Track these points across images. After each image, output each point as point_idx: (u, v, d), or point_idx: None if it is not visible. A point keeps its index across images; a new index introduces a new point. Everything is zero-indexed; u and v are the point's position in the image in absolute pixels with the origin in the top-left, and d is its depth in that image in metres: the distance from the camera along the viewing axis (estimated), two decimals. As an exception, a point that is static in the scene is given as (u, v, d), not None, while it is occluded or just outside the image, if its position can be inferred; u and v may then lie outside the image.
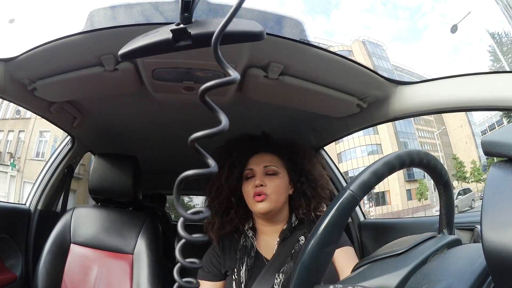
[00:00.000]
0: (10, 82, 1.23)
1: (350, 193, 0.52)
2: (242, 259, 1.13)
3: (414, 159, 0.58)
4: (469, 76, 1.15)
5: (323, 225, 0.51)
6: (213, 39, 0.33)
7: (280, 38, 1.08)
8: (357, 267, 0.59)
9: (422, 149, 0.61)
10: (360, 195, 0.52)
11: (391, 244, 0.62)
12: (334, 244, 0.52)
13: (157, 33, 0.58)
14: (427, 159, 0.59)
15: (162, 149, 2.11)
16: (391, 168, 0.55)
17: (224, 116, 0.33)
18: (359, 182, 0.52)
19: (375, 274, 0.52)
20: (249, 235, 1.18)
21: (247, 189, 1.16)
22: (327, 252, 0.52)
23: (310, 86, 1.26)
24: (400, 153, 0.57)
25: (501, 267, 0.37)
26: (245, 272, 1.10)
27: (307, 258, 0.51)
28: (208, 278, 1.16)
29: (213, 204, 1.19)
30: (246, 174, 1.18)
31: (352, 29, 64.18)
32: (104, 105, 1.57)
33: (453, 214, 0.68)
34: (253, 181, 1.15)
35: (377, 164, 0.55)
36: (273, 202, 1.13)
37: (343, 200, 0.51)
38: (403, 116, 1.36)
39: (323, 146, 1.92)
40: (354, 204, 0.52)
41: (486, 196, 0.40)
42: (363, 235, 1.82)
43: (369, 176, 0.53)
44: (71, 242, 1.47)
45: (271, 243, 1.17)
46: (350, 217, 1.83)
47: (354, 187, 0.52)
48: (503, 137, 0.42)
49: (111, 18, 1.07)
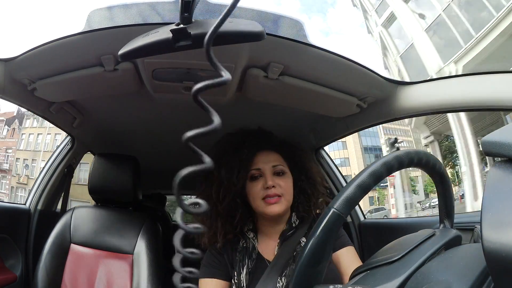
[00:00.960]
0: (10, 82, 1.23)
1: (334, 212, 0.51)
2: (243, 261, 1.09)
3: (403, 161, 0.56)
4: (469, 76, 1.15)
5: (310, 246, 0.51)
6: (205, 39, 0.33)
7: (280, 38, 1.07)
8: (354, 275, 0.58)
9: (409, 150, 0.59)
10: (345, 212, 0.51)
11: (387, 248, 0.61)
12: (324, 262, 0.52)
13: (157, 33, 0.58)
14: (418, 157, 0.58)
15: (162, 149, 2.10)
16: (378, 177, 0.54)
17: (216, 116, 0.34)
18: (343, 199, 0.51)
19: (371, 283, 0.52)
20: (250, 237, 1.13)
21: (254, 190, 1.09)
22: (318, 270, 0.52)
23: (310, 86, 1.26)
24: (387, 159, 0.55)
25: (501, 267, 0.37)
26: (245, 276, 1.07)
27: (299, 278, 0.51)
28: (215, 275, 1.11)
29: (217, 209, 1.09)
30: (252, 174, 1.10)
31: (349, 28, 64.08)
32: (104, 105, 1.57)
33: (453, 205, 0.67)
34: (261, 182, 1.09)
35: (361, 176, 0.53)
36: (285, 203, 1.09)
37: (328, 220, 0.51)
38: (403, 116, 1.36)
39: (323, 146, 1.92)
40: (340, 222, 0.51)
41: (486, 196, 0.40)
42: (363, 235, 1.82)
43: (354, 191, 0.52)
44: (71, 242, 1.47)
45: (271, 244, 1.13)
46: (350, 217, 1.84)
47: (338, 205, 0.51)
48: (503, 137, 0.42)
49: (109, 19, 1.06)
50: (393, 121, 1.41)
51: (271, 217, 1.11)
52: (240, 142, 1.13)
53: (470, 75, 1.14)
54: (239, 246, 1.13)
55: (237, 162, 1.09)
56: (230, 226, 1.10)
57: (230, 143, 1.14)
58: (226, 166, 1.09)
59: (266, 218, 1.13)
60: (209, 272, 1.11)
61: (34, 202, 1.71)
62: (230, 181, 1.08)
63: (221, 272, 1.11)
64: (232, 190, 1.08)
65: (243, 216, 1.11)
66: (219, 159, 1.10)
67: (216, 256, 1.13)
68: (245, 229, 1.14)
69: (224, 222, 1.10)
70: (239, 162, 1.09)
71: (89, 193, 1.62)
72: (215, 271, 1.11)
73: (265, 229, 1.16)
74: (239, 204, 1.10)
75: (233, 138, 1.16)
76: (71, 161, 1.85)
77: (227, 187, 1.09)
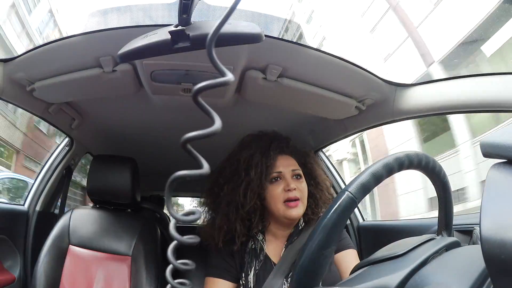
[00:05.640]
0: (8, 83, 1.23)
1: (348, 195, 0.51)
2: (251, 263, 1.11)
3: (412, 161, 0.57)
4: (468, 77, 1.15)
5: (321, 227, 0.51)
6: (207, 41, 0.33)
7: (279, 40, 1.08)
8: (356, 269, 0.58)
9: (420, 151, 0.60)
10: (358, 197, 0.52)
11: (389, 247, 0.61)
12: (332, 246, 0.52)
13: (156, 35, 0.58)
14: (426, 161, 0.59)
15: (161, 150, 2.10)
16: (389, 170, 0.55)
17: (217, 118, 0.33)
18: (358, 184, 0.52)
19: (373, 276, 0.52)
20: (259, 239, 1.15)
21: (275, 192, 1.11)
22: (325, 255, 0.51)
23: (308, 88, 1.26)
24: (398, 155, 0.57)
25: (500, 269, 0.36)
26: (253, 277, 1.09)
27: (305, 260, 0.51)
28: (224, 276, 1.12)
29: (237, 212, 1.11)
30: (273, 177, 1.13)
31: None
32: (102, 106, 1.57)
33: (452, 216, 0.67)
34: (281, 185, 1.11)
35: (376, 166, 0.54)
36: (302, 207, 1.11)
37: (341, 202, 0.51)
38: (401, 118, 1.35)
39: (321, 148, 1.92)
40: (353, 206, 0.52)
41: (485, 197, 0.40)
42: (362, 238, 1.81)
43: (368, 178, 0.53)
44: (70, 243, 1.46)
45: (279, 246, 1.15)
46: (349, 219, 1.83)
47: (353, 188, 0.52)
48: (502, 139, 0.42)
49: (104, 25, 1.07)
50: (392, 123, 1.41)
51: (289, 221, 1.12)
52: (266, 145, 1.16)
53: (469, 77, 1.14)
54: (248, 248, 1.14)
55: (264, 165, 1.12)
56: (246, 229, 1.12)
57: (257, 145, 1.16)
58: (255, 168, 1.11)
59: (280, 222, 1.14)
60: (218, 273, 1.12)
61: (32, 203, 1.71)
62: (258, 182, 1.11)
63: (231, 274, 1.13)
64: (257, 192, 1.11)
65: (259, 219, 1.13)
66: (249, 160, 1.13)
67: (226, 259, 1.14)
68: (255, 230, 1.15)
69: (243, 225, 1.11)
70: (266, 165, 1.12)
71: (88, 194, 1.61)
72: (225, 272, 1.13)
73: (274, 231, 1.17)
74: (258, 206, 1.12)
75: (259, 140, 1.19)
76: (69, 163, 1.85)
77: (254, 188, 1.11)
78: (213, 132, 0.33)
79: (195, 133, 0.33)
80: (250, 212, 1.11)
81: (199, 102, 0.33)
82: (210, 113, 0.33)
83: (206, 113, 0.33)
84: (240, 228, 1.11)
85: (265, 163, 1.12)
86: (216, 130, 0.33)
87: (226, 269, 1.13)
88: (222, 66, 0.34)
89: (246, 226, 1.12)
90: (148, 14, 1.07)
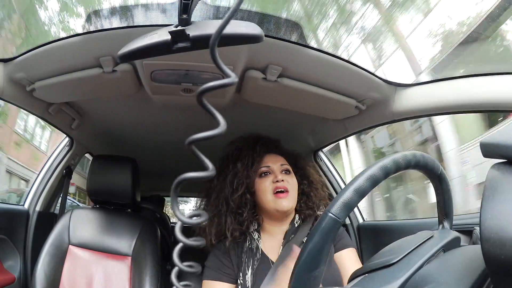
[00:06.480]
0: (8, 83, 1.23)
1: (330, 216, 0.50)
2: (248, 262, 1.11)
3: (400, 164, 0.55)
4: (468, 78, 1.15)
5: (307, 251, 0.50)
6: (210, 41, 0.33)
7: (279, 40, 1.08)
8: (352, 278, 0.58)
9: (406, 152, 0.57)
10: (341, 217, 0.50)
11: (385, 251, 0.60)
12: (322, 267, 0.51)
13: (156, 35, 0.57)
14: (415, 160, 0.57)
15: (161, 151, 2.10)
16: (375, 181, 0.52)
17: (222, 118, 0.33)
18: (340, 204, 0.50)
19: (369, 286, 0.52)
20: (255, 237, 1.16)
21: (264, 184, 1.15)
22: (315, 275, 0.51)
23: (308, 88, 1.26)
24: (384, 162, 0.54)
25: (500, 270, 0.36)
26: (250, 276, 1.09)
27: (297, 283, 0.51)
28: (221, 278, 1.12)
29: (227, 203, 1.15)
30: (262, 171, 1.18)
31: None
32: (102, 106, 1.57)
33: (451, 205, 0.66)
34: (270, 178, 1.15)
35: (358, 180, 0.52)
36: (293, 199, 1.15)
37: (325, 225, 0.50)
38: (401, 118, 1.36)
39: (321, 149, 1.92)
40: (336, 227, 0.50)
41: (485, 197, 0.40)
42: (362, 237, 1.81)
43: (351, 195, 0.51)
44: (70, 243, 1.47)
45: (276, 244, 1.16)
46: (349, 219, 1.84)
47: (335, 210, 0.50)
48: (502, 139, 0.42)
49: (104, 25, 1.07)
50: (392, 123, 1.41)
51: (279, 214, 1.15)
52: (253, 142, 1.24)
53: (469, 77, 1.14)
54: (245, 247, 1.15)
55: (251, 157, 1.18)
56: (238, 223, 1.14)
57: (244, 142, 1.24)
58: (241, 160, 1.18)
59: (272, 217, 1.17)
60: (215, 275, 1.12)
61: (32, 203, 1.71)
62: (244, 173, 1.17)
63: (227, 274, 1.13)
64: (245, 182, 1.16)
65: (250, 213, 1.16)
66: (235, 155, 1.21)
67: (222, 259, 1.14)
68: (251, 229, 1.17)
69: (233, 218, 1.14)
70: (252, 158, 1.18)
71: (88, 195, 1.62)
72: (221, 273, 1.13)
73: (270, 229, 1.19)
74: (248, 199, 1.16)
75: (247, 138, 1.26)
76: (69, 163, 1.85)
77: (241, 177, 1.16)
78: (219, 133, 0.33)
79: (201, 134, 0.32)
80: (240, 206, 1.14)
81: (203, 103, 0.33)
82: (214, 114, 0.33)
83: (211, 114, 0.33)
84: (231, 220, 1.13)
85: (251, 155, 1.19)
86: (221, 132, 0.33)
87: (223, 269, 1.13)
88: (225, 67, 0.34)
89: (237, 220, 1.14)
90: (148, 14, 1.06)
